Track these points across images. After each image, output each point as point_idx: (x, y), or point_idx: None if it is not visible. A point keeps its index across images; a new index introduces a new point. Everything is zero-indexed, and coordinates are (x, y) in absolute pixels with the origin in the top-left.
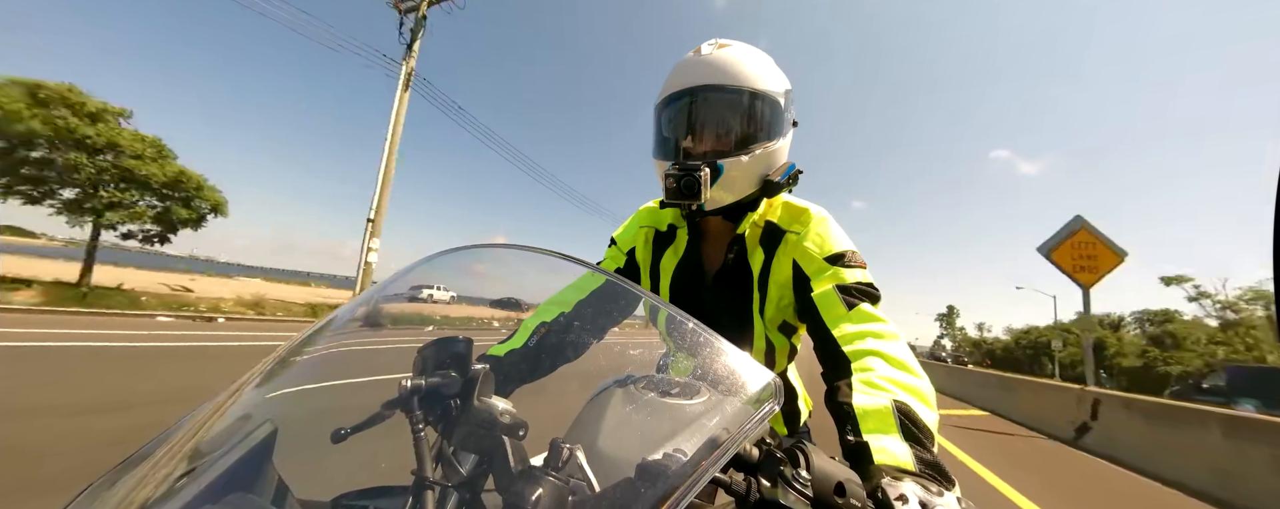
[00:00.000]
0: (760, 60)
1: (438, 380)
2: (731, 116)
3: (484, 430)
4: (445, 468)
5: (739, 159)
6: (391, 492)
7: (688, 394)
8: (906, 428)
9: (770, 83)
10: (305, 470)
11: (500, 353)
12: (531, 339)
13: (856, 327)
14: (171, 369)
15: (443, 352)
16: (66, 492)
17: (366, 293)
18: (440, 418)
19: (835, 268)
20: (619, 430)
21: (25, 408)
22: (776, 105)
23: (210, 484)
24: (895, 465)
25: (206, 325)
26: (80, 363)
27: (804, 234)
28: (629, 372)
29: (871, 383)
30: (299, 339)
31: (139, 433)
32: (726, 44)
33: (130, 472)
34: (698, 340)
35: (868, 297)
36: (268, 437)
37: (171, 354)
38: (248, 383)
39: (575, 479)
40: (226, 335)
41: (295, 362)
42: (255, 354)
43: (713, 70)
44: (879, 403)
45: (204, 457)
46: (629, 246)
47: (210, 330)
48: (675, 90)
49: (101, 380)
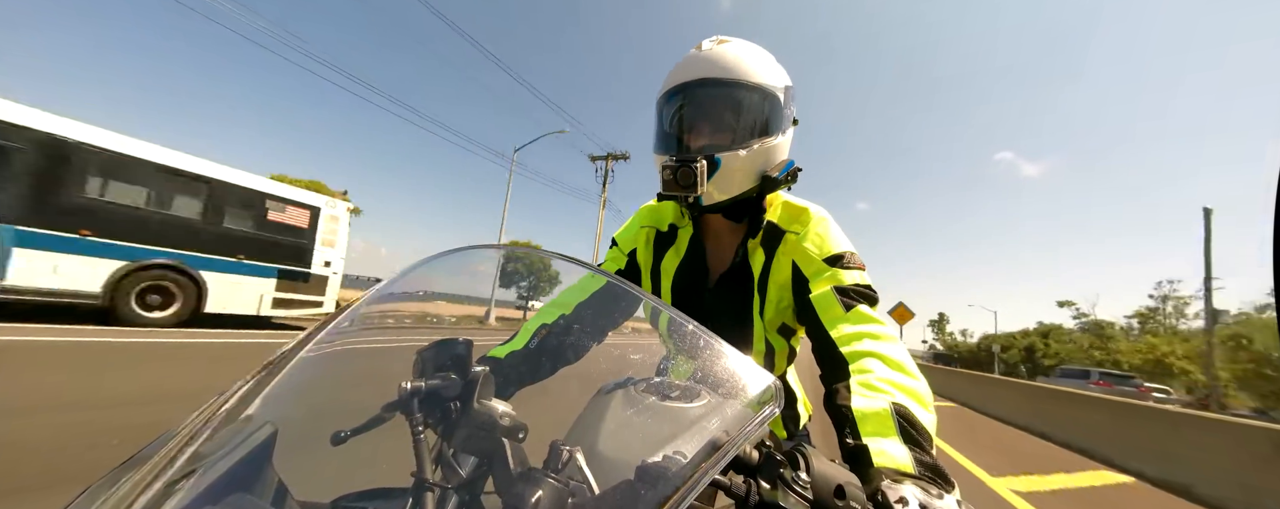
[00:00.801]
0: (760, 56)
1: (437, 382)
2: (730, 111)
3: (484, 432)
4: (445, 470)
5: (737, 153)
6: (391, 493)
7: (688, 397)
8: (905, 430)
9: (770, 78)
10: (305, 472)
11: (500, 354)
12: (532, 341)
13: (854, 327)
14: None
15: (442, 354)
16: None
17: (368, 294)
18: (440, 420)
19: (834, 269)
20: (619, 433)
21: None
22: (776, 101)
23: (210, 486)
24: (895, 468)
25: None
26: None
27: (803, 234)
28: (629, 374)
29: (870, 385)
30: (300, 340)
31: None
32: (727, 40)
33: (130, 473)
34: (698, 343)
35: (866, 298)
36: (268, 438)
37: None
38: (248, 384)
39: (575, 481)
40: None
41: (296, 363)
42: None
43: (712, 65)
44: (878, 405)
45: (204, 458)
46: (630, 248)
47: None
48: (675, 84)
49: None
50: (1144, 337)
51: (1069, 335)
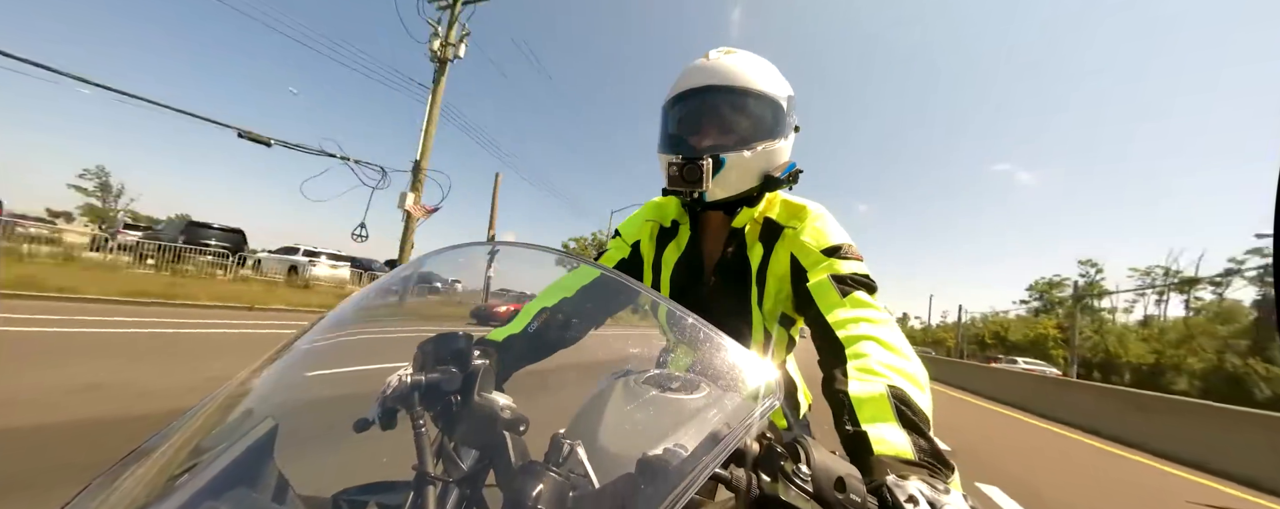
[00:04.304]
0: (764, 66)
1: (438, 376)
2: (735, 115)
3: (485, 426)
4: (446, 463)
5: (741, 154)
6: (393, 487)
7: (688, 389)
8: (903, 414)
9: (773, 87)
10: (306, 466)
11: (499, 338)
12: (532, 324)
13: (850, 313)
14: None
15: (443, 347)
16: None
17: (367, 288)
18: (441, 413)
19: (831, 259)
20: (620, 426)
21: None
22: (779, 108)
23: (212, 480)
24: (896, 455)
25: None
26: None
27: (801, 228)
28: (629, 367)
29: (867, 369)
30: (300, 334)
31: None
32: (733, 51)
33: (132, 468)
34: (697, 336)
35: (863, 286)
36: (269, 432)
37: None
38: (250, 378)
39: (576, 474)
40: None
41: (298, 357)
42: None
43: (719, 73)
44: (875, 390)
45: (206, 453)
46: (634, 239)
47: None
48: (683, 90)
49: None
50: (1034, 324)
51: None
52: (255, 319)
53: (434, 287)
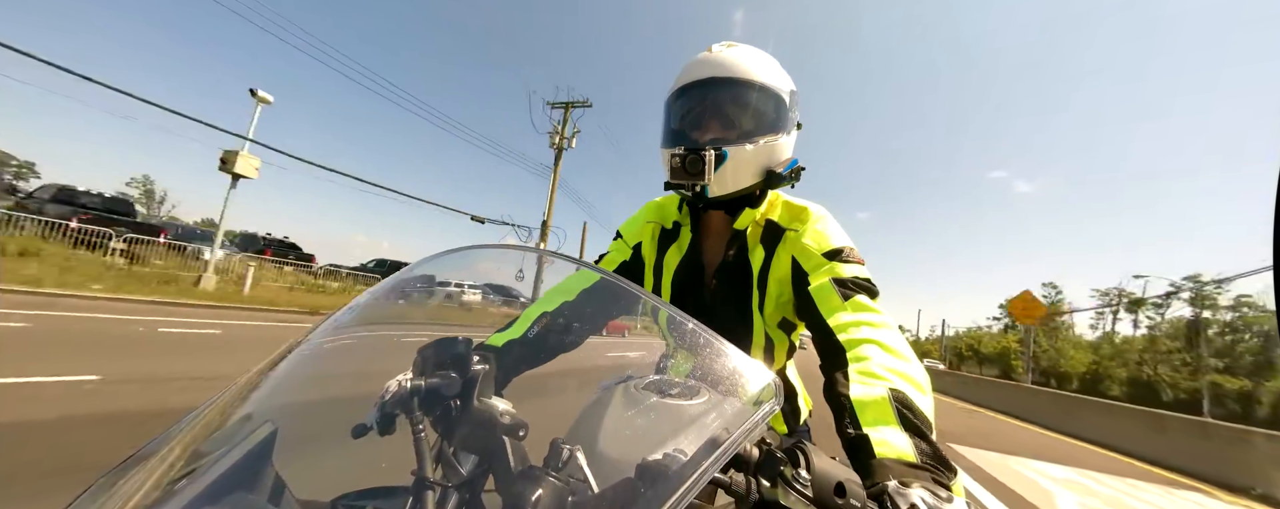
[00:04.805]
0: (766, 60)
1: (438, 381)
2: (737, 108)
3: (484, 431)
4: (445, 468)
5: (743, 147)
6: (391, 492)
7: (688, 394)
8: (905, 418)
9: (775, 81)
10: (305, 471)
11: (499, 343)
12: (531, 329)
13: (852, 316)
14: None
15: (443, 352)
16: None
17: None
18: (440, 418)
19: (832, 263)
20: (619, 431)
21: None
22: (781, 102)
23: (210, 485)
24: (898, 459)
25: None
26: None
27: (803, 231)
28: (629, 372)
29: (868, 372)
30: (301, 338)
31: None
32: (735, 45)
33: (131, 472)
34: (697, 341)
35: (864, 290)
36: (268, 437)
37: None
38: (249, 382)
39: (575, 480)
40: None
41: (297, 360)
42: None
43: (722, 66)
44: (876, 393)
45: (204, 457)
46: (635, 241)
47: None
48: (685, 83)
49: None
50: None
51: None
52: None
53: (447, 292)
